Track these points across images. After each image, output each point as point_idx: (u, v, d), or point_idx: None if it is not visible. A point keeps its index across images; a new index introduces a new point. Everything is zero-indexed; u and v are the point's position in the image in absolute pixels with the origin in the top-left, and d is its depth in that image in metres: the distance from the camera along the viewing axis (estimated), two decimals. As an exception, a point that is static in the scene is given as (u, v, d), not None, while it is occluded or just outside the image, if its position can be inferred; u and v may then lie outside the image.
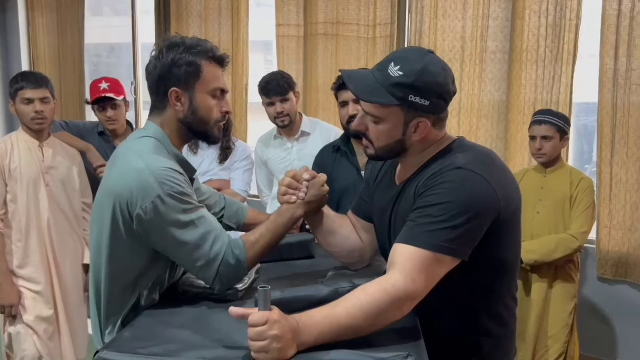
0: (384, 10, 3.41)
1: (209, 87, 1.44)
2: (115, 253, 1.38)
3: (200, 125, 1.45)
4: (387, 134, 1.29)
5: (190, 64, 1.41)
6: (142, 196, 1.31)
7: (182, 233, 1.34)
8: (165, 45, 1.44)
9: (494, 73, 3.16)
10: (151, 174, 1.31)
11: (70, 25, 4.84)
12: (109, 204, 1.35)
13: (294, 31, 3.71)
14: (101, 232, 1.39)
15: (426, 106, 1.24)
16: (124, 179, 1.34)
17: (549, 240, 2.54)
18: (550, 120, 2.56)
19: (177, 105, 1.43)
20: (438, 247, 1.17)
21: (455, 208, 1.18)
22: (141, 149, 1.39)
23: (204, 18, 4.06)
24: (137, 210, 1.31)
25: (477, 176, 1.20)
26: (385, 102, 1.25)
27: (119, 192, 1.34)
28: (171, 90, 1.42)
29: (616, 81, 2.82)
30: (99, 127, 2.89)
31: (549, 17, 2.96)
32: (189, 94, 1.42)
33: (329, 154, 2.38)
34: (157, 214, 1.31)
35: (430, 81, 1.23)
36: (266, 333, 1.04)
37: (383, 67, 1.26)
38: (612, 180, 2.89)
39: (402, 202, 1.33)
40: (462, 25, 3.19)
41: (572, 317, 2.63)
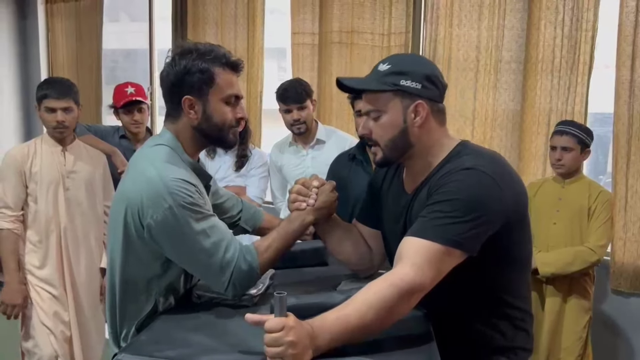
0: (398, 19, 3.42)
1: (223, 94, 1.43)
2: (128, 258, 1.39)
3: (214, 132, 1.45)
4: (389, 125, 1.33)
5: (204, 72, 1.40)
6: (153, 206, 1.31)
7: (194, 242, 1.34)
8: (178, 52, 1.43)
9: (508, 83, 3.15)
10: (163, 183, 1.32)
11: (89, 31, 4.91)
12: (122, 210, 1.36)
13: (309, 39, 3.74)
14: (115, 237, 1.40)
15: (419, 89, 1.31)
16: (135, 187, 1.35)
17: (566, 252, 2.52)
18: (571, 131, 2.55)
19: (191, 113, 1.42)
20: (449, 240, 1.20)
21: (465, 205, 1.21)
22: (154, 157, 1.39)
23: (220, 25, 4.10)
24: (147, 220, 1.32)
25: (486, 176, 1.24)
26: (378, 87, 1.32)
27: (131, 199, 1.35)
28: (184, 99, 1.41)
29: (632, 92, 2.81)
30: (120, 131, 2.97)
31: (564, 28, 2.95)
32: (203, 101, 1.42)
33: (344, 163, 2.40)
34: (167, 224, 1.32)
35: (417, 66, 1.34)
36: (282, 339, 1.05)
37: (374, 69, 1.37)
38: (628, 192, 2.87)
39: (415, 208, 1.35)
40: (477, 35, 3.20)
41: (587, 331, 2.61)
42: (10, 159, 2.46)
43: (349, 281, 1.59)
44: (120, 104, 2.86)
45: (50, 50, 5.30)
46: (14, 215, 2.44)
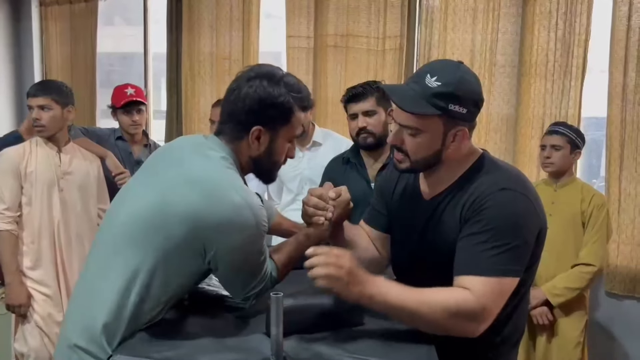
0: (393, 23, 3.44)
1: (291, 134, 1.38)
2: (157, 276, 1.26)
3: (268, 166, 1.41)
4: (426, 145, 1.30)
5: (286, 109, 1.33)
6: (239, 231, 1.24)
7: (252, 266, 1.33)
8: (265, 75, 1.33)
9: (503, 87, 3.17)
10: (251, 212, 1.25)
11: (83, 34, 4.90)
12: (181, 228, 1.23)
13: (304, 43, 3.74)
14: (146, 253, 1.25)
15: (464, 114, 1.27)
16: (217, 210, 1.23)
17: (571, 278, 2.51)
18: (562, 131, 2.57)
19: (255, 143, 1.34)
20: (503, 271, 1.21)
21: (507, 231, 1.22)
22: (232, 179, 1.29)
23: (215, 29, 4.10)
24: (224, 243, 1.25)
25: (521, 196, 1.26)
26: (428, 112, 1.25)
27: (206, 220, 1.22)
28: (255, 129, 1.33)
29: (625, 96, 2.83)
30: (116, 133, 2.98)
31: (558, 32, 2.97)
32: (272, 136, 1.35)
33: (338, 166, 2.39)
34: (244, 249, 1.28)
35: (468, 90, 1.27)
36: (339, 261, 1.12)
37: (419, 79, 1.28)
38: (621, 195, 2.89)
39: (440, 221, 1.34)
40: (472, 38, 3.21)
41: (584, 335, 2.62)
42: (7, 159, 2.46)
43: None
44: (120, 104, 2.88)
45: (45, 53, 5.29)
46: (12, 216, 2.44)
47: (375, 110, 2.25)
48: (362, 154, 2.36)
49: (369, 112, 2.24)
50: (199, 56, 4.15)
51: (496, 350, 1.39)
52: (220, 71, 4.09)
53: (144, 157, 3.02)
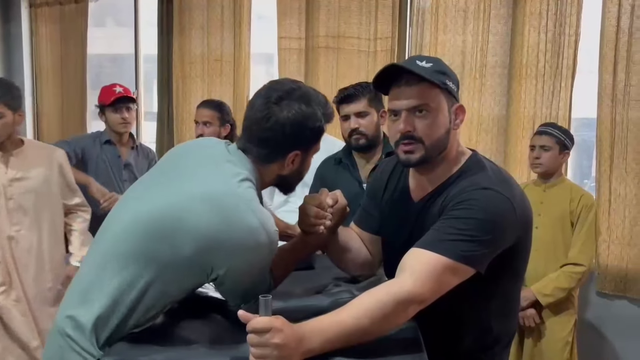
0: (385, 24, 3.44)
1: (317, 150, 1.39)
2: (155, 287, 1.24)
3: (295, 181, 1.41)
4: (438, 123, 1.30)
5: (319, 130, 1.32)
6: (252, 254, 1.23)
7: (258, 282, 1.32)
8: (298, 97, 1.29)
9: (494, 87, 3.18)
10: (266, 235, 1.22)
11: (74, 36, 4.87)
12: (191, 245, 1.19)
13: (296, 44, 3.74)
14: (147, 262, 1.22)
15: (456, 92, 1.32)
16: (234, 233, 1.20)
17: (560, 278, 2.52)
18: (550, 131, 2.58)
19: (290, 165, 1.33)
20: (456, 255, 1.19)
21: (479, 225, 1.20)
22: (250, 199, 1.24)
23: (206, 30, 4.09)
24: (235, 264, 1.23)
25: (502, 198, 1.24)
26: (437, 80, 1.27)
27: (220, 242, 1.20)
28: (293, 153, 1.31)
29: (615, 97, 2.84)
30: (102, 137, 2.93)
31: (548, 33, 2.98)
32: (304, 157, 1.34)
33: (330, 167, 2.39)
34: (253, 269, 1.27)
35: (450, 71, 1.34)
36: (269, 341, 1.03)
37: (411, 65, 1.30)
38: (611, 195, 2.90)
39: (425, 220, 1.34)
40: (463, 40, 3.22)
41: (572, 335, 2.63)
42: None
43: (336, 284, 1.59)
44: (109, 101, 2.84)
45: (34, 54, 5.25)
46: None
47: (367, 111, 2.25)
48: (354, 155, 2.36)
49: (361, 113, 2.24)
50: (190, 58, 4.14)
51: (488, 351, 1.39)
52: (211, 73, 4.08)
53: (132, 160, 2.98)
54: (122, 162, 2.95)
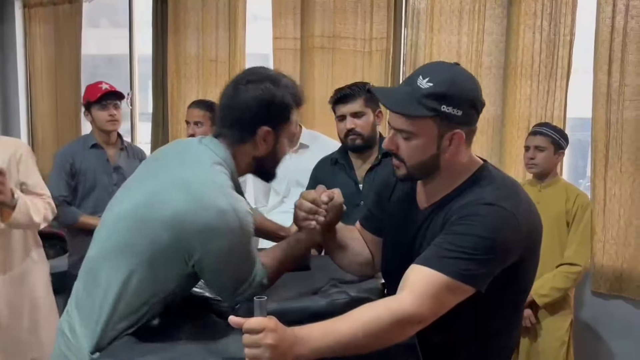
0: (380, 24, 3.44)
1: (291, 132, 1.41)
2: (141, 277, 1.28)
3: (272, 165, 1.43)
4: (421, 149, 1.25)
5: (285, 106, 1.36)
6: (223, 236, 1.24)
7: (238, 269, 1.33)
8: (266, 77, 1.36)
9: (489, 88, 3.18)
10: (237, 217, 1.25)
11: (68, 36, 4.85)
12: (166, 232, 1.24)
13: (291, 44, 3.74)
14: (132, 256, 1.27)
15: (459, 116, 1.22)
16: (202, 215, 1.23)
17: (557, 278, 2.53)
18: (545, 132, 2.58)
19: (262, 144, 1.36)
20: (456, 274, 1.15)
21: (482, 243, 1.16)
22: (222, 184, 1.28)
23: (201, 31, 4.09)
24: (208, 247, 1.25)
25: (507, 213, 1.19)
26: (418, 114, 1.21)
27: (191, 225, 1.23)
28: (263, 130, 1.34)
29: (610, 97, 2.85)
30: (88, 141, 2.87)
31: (543, 33, 2.99)
32: (276, 135, 1.37)
33: (326, 167, 2.39)
34: (229, 255, 1.28)
35: (461, 90, 1.22)
36: (261, 341, 1.03)
37: (411, 81, 1.24)
38: (606, 195, 2.91)
39: (429, 230, 1.31)
40: (458, 40, 3.22)
41: (569, 334, 2.63)
42: None
43: (331, 285, 1.59)
44: (95, 97, 2.75)
45: (29, 55, 5.23)
46: None
47: (364, 111, 2.25)
48: (350, 155, 2.36)
49: (357, 113, 2.24)
50: (185, 58, 4.13)
51: None
52: (206, 73, 4.08)
53: (121, 162, 2.89)
54: (112, 166, 2.86)
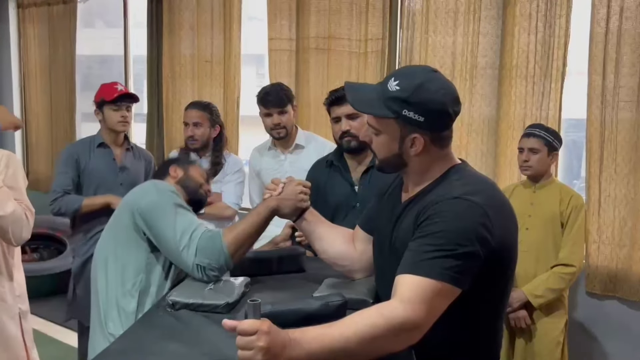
0: (375, 26, 3.44)
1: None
2: (118, 250, 1.66)
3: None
4: (385, 146, 1.32)
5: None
6: (142, 195, 1.68)
7: (171, 220, 1.60)
8: None
9: (484, 89, 3.18)
10: (154, 184, 1.74)
11: (62, 37, 4.84)
12: (120, 215, 1.71)
13: (286, 45, 3.73)
14: (109, 237, 1.72)
15: (421, 122, 1.26)
16: (134, 191, 1.74)
17: (551, 279, 2.52)
18: (539, 133, 2.58)
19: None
20: (440, 274, 1.16)
21: (453, 237, 1.18)
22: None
23: (196, 31, 4.08)
24: (137, 206, 1.64)
25: (473, 205, 1.21)
26: (378, 114, 1.28)
27: (131, 200, 1.70)
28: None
29: (604, 98, 2.85)
30: (95, 140, 2.87)
31: (538, 34, 2.99)
32: None
33: (322, 169, 2.38)
34: (152, 204, 1.63)
35: (426, 98, 1.25)
36: (254, 343, 1.03)
37: (385, 82, 1.30)
38: (601, 195, 2.91)
39: (403, 223, 1.33)
40: (453, 41, 3.22)
41: (564, 335, 2.63)
42: None
43: (326, 287, 1.58)
44: (111, 97, 2.76)
45: (23, 56, 5.21)
46: None
47: (358, 113, 2.24)
48: (345, 157, 2.35)
49: (352, 115, 2.23)
50: (180, 59, 4.12)
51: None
52: (201, 74, 4.07)
53: (127, 162, 2.90)
54: (118, 165, 2.86)
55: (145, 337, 1.27)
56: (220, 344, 1.22)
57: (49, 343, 3.66)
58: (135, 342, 1.25)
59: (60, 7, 4.82)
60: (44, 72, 5.03)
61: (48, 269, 4.42)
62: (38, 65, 5.07)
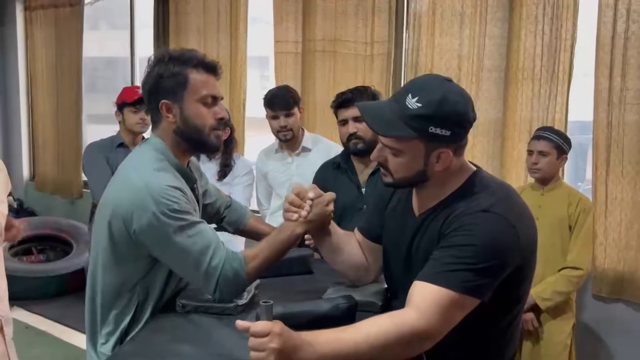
0: (381, 28, 3.44)
1: (197, 95, 1.46)
2: (111, 260, 1.44)
3: (194, 134, 1.47)
4: (407, 166, 1.27)
5: (176, 75, 1.45)
6: (139, 214, 1.36)
7: (180, 249, 1.37)
8: (152, 60, 1.49)
9: (490, 91, 3.18)
10: (147, 191, 1.36)
11: (69, 39, 4.86)
12: (107, 215, 1.42)
13: (292, 48, 3.74)
14: (99, 240, 1.46)
15: (447, 136, 1.22)
16: (121, 194, 1.40)
17: (559, 282, 2.52)
18: (548, 136, 2.58)
19: (169, 117, 1.47)
20: (459, 287, 1.15)
21: (480, 252, 1.17)
22: (139, 163, 1.45)
23: (202, 33, 4.09)
24: (134, 226, 1.37)
25: (502, 220, 1.20)
26: (403, 135, 1.22)
27: (116, 205, 1.40)
28: (161, 103, 1.46)
29: (611, 100, 2.85)
30: (115, 141, 2.94)
31: (544, 37, 2.99)
32: (179, 104, 1.46)
33: (329, 171, 2.39)
34: (153, 230, 1.36)
35: (450, 111, 1.21)
36: (266, 345, 1.04)
37: (400, 99, 1.24)
38: (608, 198, 2.91)
39: (424, 236, 1.32)
40: (459, 43, 3.22)
41: (571, 338, 2.63)
42: None
43: (335, 289, 1.59)
44: (132, 99, 2.86)
45: (29, 58, 5.23)
46: None
47: (365, 115, 2.25)
48: (352, 159, 2.35)
49: (358, 117, 2.24)
50: (186, 61, 4.13)
51: None
52: (207, 76, 4.07)
53: None
54: None
55: (155, 339, 1.27)
56: (230, 346, 1.22)
57: (55, 344, 3.67)
58: (146, 344, 1.25)
59: (67, 9, 4.84)
60: (50, 74, 5.05)
61: (54, 270, 4.43)
62: (44, 67, 5.09)
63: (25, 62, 5.22)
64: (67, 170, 5.13)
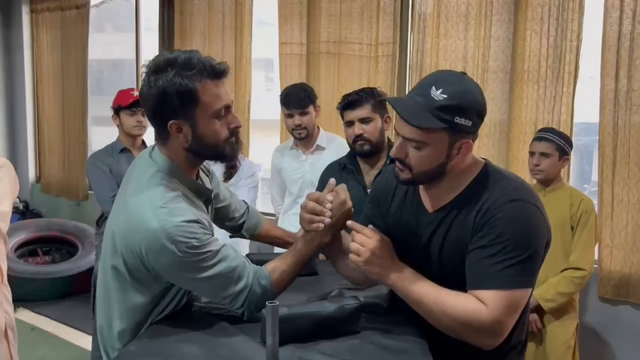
0: (386, 29, 3.44)
1: (211, 110, 1.29)
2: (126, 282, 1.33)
3: (209, 150, 1.35)
4: (430, 158, 1.28)
5: (184, 91, 1.25)
6: (158, 257, 1.26)
7: (205, 279, 1.30)
8: (152, 69, 1.28)
9: (495, 93, 3.18)
10: (165, 234, 1.23)
11: (74, 41, 4.88)
12: (117, 249, 1.31)
13: (297, 49, 3.75)
14: (108, 260, 1.35)
15: (469, 127, 1.25)
16: (135, 235, 1.26)
17: (561, 283, 2.51)
18: (550, 138, 2.57)
19: (180, 136, 1.31)
20: (515, 283, 1.22)
21: (520, 242, 1.23)
22: (152, 195, 1.28)
23: (207, 36, 4.10)
24: (153, 265, 1.28)
25: (532, 207, 1.27)
26: (435, 126, 1.23)
27: (130, 245, 1.28)
28: (170, 124, 1.29)
29: (617, 102, 2.84)
30: (116, 147, 2.92)
31: (550, 38, 2.99)
32: (190, 122, 1.29)
33: (335, 172, 2.38)
34: (175, 268, 1.28)
35: (473, 101, 1.25)
36: (367, 242, 1.28)
37: (424, 91, 1.25)
38: (614, 200, 2.90)
39: (449, 232, 1.33)
40: (464, 45, 3.22)
41: (575, 338, 2.62)
42: None
43: (341, 290, 1.59)
44: (127, 103, 2.84)
45: (35, 60, 5.25)
46: None
47: (371, 117, 2.25)
48: (358, 160, 2.35)
49: (364, 119, 2.24)
50: (191, 63, 4.14)
51: (503, 358, 1.38)
52: (212, 78, 4.08)
53: None
54: None
55: (161, 339, 1.27)
56: (237, 347, 1.22)
57: (60, 345, 3.68)
58: (152, 344, 1.25)
59: (73, 12, 4.87)
60: (56, 77, 5.07)
61: (60, 272, 4.45)
62: (50, 69, 5.12)
63: (32, 64, 5.24)
64: (72, 172, 5.15)
